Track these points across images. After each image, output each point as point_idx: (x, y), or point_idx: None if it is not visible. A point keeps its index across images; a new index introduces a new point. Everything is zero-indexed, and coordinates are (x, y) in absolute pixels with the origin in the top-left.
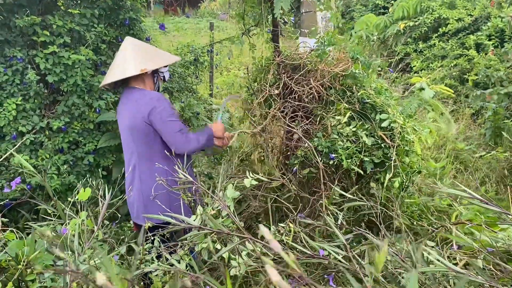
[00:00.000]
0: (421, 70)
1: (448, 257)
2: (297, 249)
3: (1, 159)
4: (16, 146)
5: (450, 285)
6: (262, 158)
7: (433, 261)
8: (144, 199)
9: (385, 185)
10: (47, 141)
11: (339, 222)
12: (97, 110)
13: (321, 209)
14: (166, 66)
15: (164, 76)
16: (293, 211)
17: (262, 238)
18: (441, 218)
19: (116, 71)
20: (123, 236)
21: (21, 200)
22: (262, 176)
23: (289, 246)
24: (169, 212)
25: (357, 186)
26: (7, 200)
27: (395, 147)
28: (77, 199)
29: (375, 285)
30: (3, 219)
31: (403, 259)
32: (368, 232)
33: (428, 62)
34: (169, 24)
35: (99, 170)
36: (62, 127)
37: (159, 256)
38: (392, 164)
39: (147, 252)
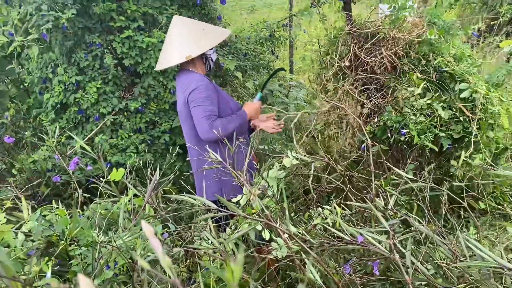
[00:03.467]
0: None
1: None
2: (335, 234)
3: (86, 138)
4: (99, 127)
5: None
6: (336, 135)
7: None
8: (195, 180)
9: (460, 163)
10: (126, 122)
11: (390, 206)
12: (171, 91)
13: (380, 190)
14: (212, 48)
15: (211, 58)
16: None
17: (309, 219)
18: None
19: (162, 60)
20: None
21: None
22: (305, 156)
23: (326, 230)
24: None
25: (433, 165)
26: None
27: (476, 120)
28: (112, 180)
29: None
30: (86, 194)
31: (453, 250)
32: (416, 218)
33: None
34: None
35: (176, 148)
36: (139, 108)
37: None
38: (473, 140)
39: (201, 230)
